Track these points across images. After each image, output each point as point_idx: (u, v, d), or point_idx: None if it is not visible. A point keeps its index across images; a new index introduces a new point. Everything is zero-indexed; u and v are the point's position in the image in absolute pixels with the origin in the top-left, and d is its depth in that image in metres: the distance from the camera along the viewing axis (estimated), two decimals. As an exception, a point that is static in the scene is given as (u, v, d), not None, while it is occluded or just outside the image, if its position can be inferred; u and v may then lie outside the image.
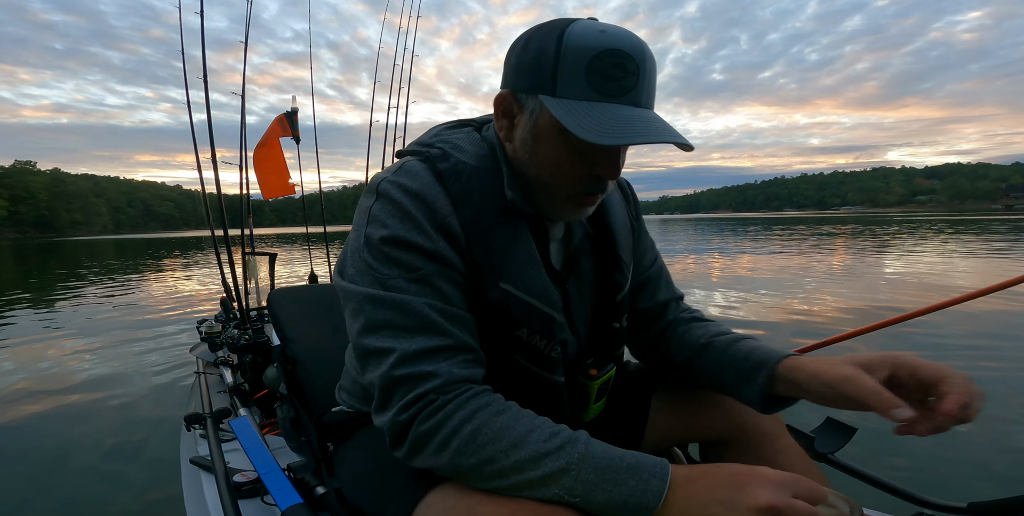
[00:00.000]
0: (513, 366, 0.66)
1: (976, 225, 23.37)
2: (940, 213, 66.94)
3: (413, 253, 0.60)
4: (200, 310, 5.99)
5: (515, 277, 0.63)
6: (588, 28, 0.56)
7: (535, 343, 0.64)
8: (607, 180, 0.62)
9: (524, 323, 0.63)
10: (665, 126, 0.56)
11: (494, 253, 0.62)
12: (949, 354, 3.30)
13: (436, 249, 0.60)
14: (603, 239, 0.75)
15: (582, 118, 0.55)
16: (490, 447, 0.53)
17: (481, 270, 0.62)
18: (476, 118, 0.75)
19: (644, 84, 0.57)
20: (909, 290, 5.99)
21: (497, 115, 0.65)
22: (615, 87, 0.56)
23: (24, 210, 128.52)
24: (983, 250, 10.70)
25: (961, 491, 1.75)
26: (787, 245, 14.59)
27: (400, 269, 0.60)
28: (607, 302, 0.75)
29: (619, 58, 0.55)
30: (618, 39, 0.55)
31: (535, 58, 0.58)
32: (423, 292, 0.59)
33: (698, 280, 7.51)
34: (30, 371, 3.68)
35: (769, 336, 4.05)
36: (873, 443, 2.02)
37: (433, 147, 0.66)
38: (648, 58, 0.56)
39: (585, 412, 0.77)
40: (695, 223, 51.61)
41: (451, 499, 0.56)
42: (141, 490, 1.92)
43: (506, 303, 0.62)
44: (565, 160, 0.61)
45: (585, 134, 0.54)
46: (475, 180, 0.63)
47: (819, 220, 46.19)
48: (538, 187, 0.64)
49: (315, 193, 3.69)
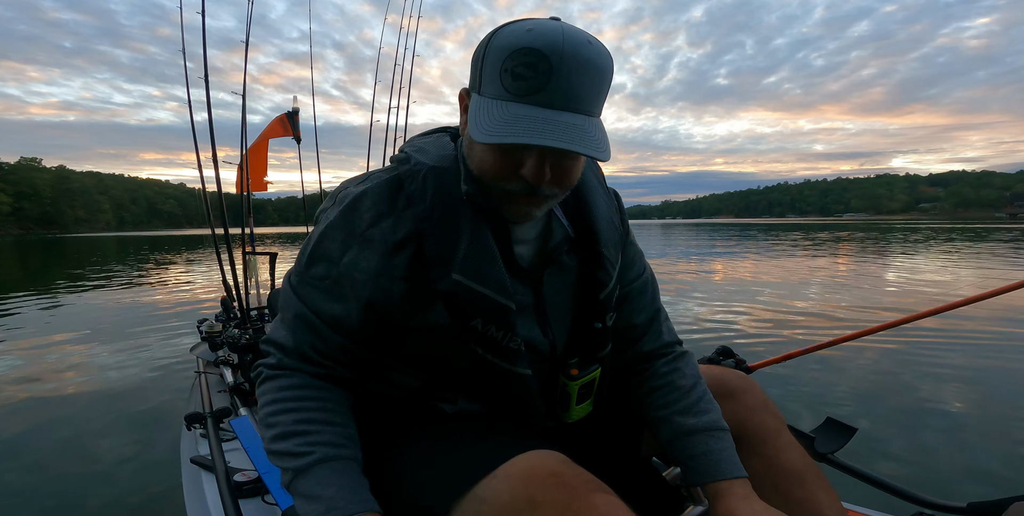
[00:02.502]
0: (475, 358, 0.68)
1: (984, 233, 23.29)
2: (943, 221, 66.81)
3: (325, 263, 0.68)
4: (201, 308, 6.00)
5: (467, 268, 0.64)
6: (518, 28, 0.56)
7: (491, 333, 0.66)
8: (539, 185, 0.60)
9: (478, 313, 0.65)
10: (568, 130, 0.54)
11: (446, 245, 0.64)
12: (950, 353, 3.29)
13: (345, 261, 0.66)
14: (585, 237, 0.74)
15: (482, 115, 0.56)
16: (268, 427, 0.67)
17: (432, 261, 0.64)
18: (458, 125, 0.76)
19: (560, 85, 0.54)
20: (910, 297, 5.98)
21: (460, 111, 0.67)
22: (522, 86, 0.55)
23: (28, 206, 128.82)
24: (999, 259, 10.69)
25: (961, 491, 1.74)
26: (779, 251, 14.57)
27: (316, 272, 0.69)
28: (590, 300, 0.75)
29: (530, 57, 0.53)
30: (538, 38, 0.53)
31: (474, 57, 0.61)
32: (318, 297, 0.68)
33: (700, 283, 7.50)
34: (30, 370, 3.67)
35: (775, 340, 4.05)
36: (873, 443, 2.02)
37: (400, 152, 0.70)
38: (570, 57, 0.53)
39: (567, 412, 0.77)
40: (696, 228, 51.57)
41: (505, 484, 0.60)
42: (142, 489, 1.92)
43: (456, 293, 0.64)
44: (489, 157, 0.61)
45: (474, 131, 0.56)
46: (430, 178, 0.65)
47: (820, 226, 46.12)
48: (480, 182, 0.64)
49: (316, 193, 3.70)
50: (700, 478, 0.72)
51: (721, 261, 11.75)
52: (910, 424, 2.28)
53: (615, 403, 0.86)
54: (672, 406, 0.78)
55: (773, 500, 0.70)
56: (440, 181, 0.65)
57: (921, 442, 2.09)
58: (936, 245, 15.34)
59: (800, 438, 0.88)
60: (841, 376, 2.90)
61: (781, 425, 0.80)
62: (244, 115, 3.00)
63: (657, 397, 0.80)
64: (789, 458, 0.76)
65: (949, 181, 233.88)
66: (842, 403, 2.57)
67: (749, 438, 0.79)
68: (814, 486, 0.73)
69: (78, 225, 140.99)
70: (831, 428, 0.91)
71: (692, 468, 0.73)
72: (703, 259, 12.28)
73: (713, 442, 0.73)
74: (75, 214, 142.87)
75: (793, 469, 0.75)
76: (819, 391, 2.70)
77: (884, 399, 2.59)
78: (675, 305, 5.66)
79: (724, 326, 4.45)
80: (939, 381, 2.82)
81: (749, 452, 0.77)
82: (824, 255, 12.78)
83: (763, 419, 0.79)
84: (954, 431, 2.20)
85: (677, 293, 6.57)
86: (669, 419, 0.77)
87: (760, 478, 0.75)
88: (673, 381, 0.80)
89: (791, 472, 0.75)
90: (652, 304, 0.84)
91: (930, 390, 2.69)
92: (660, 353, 0.83)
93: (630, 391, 0.85)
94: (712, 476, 0.70)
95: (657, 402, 0.79)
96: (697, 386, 0.79)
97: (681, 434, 0.75)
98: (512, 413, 0.73)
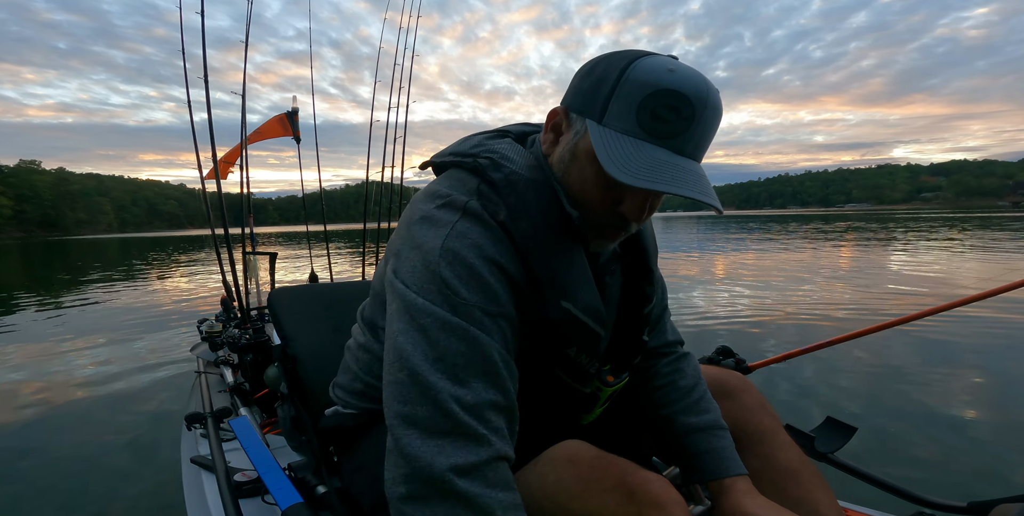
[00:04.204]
0: (549, 379, 0.67)
1: (999, 223, 23.19)
2: (946, 210, 66.59)
3: (498, 284, 0.57)
4: (202, 305, 6.01)
5: (573, 295, 0.62)
6: (658, 64, 0.54)
7: (581, 360, 0.66)
8: (631, 221, 0.60)
9: (576, 341, 0.64)
10: (699, 181, 0.54)
11: (554, 269, 0.61)
12: (951, 353, 3.28)
13: (506, 289, 0.58)
14: (634, 253, 0.76)
15: (614, 150, 0.54)
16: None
17: (542, 284, 0.60)
18: (510, 129, 0.73)
19: (695, 133, 0.54)
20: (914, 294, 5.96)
21: (546, 128, 0.65)
22: (661, 128, 0.53)
23: (29, 209, 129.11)
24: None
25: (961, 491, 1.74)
26: (772, 243, 14.53)
27: (482, 298, 0.56)
28: (634, 314, 0.76)
29: (676, 100, 0.52)
30: (683, 81, 0.52)
31: (595, 82, 0.57)
32: (494, 332, 0.56)
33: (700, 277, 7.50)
34: (30, 370, 3.70)
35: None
36: (873, 442, 2.02)
37: (480, 157, 0.64)
38: (711, 108, 0.54)
39: (589, 414, 0.79)
40: (696, 221, 51.50)
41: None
42: (142, 489, 1.93)
43: (563, 321, 0.62)
44: (592, 188, 0.59)
45: (608, 165, 0.53)
46: (531, 192, 0.61)
47: (821, 217, 46.01)
48: (583, 209, 0.62)
49: (316, 192, 3.69)
50: (703, 476, 0.73)
51: (732, 255, 11.74)
52: (910, 424, 2.27)
53: (616, 403, 0.87)
54: (674, 405, 0.80)
55: (770, 498, 0.71)
56: (540, 196, 0.61)
57: (922, 442, 2.09)
58: (967, 237, 14.98)
59: (800, 437, 0.89)
60: (841, 375, 2.90)
61: (777, 425, 0.81)
62: (244, 116, 3.00)
63: (660, 396, 0.82)
64: (786, 457, 0.77)
65: (951, 170, 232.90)
66: (842, 402, 2.57)
67: (747, 437, 0.80)
68: (811, 484, 0.74)
69: (80, 227, 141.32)
70: (831, 427, 0.91)
71: (695, 466, 0.75)
72: (705, 252, 12.28)
73: (715, 440, 0.75)
74: (76, 216, 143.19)
75: (790, 467, 0.76)
76: (819, 390, 2.70)
77: (884, 398, 2.58)
78: (675, 303, 5.65)
79: (724, 324, 4.44)
80: (940, 380, 2.81)
81: (746, 451, 0.78)
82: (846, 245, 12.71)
83: (760, 419, 0.81)
84: (955, 430, 2.19)
85: (679, 288, 6.56)
86: (671, 418, 0.79)
87: (758, 476, 0.75)
88: (675, 381, 0.82)
89: (788, 470, 0.76)
90: (661, 302, 0.86)
91: (931, 390, 2.68)
92: (663, 351, 0.86)
93: (632, 391, 0.87)
94: (715, 473, 0.72)
95: (659, 401, 0.81)
96: (698, 386, 0.81)
97: (684, 433, 0.77)
98: (539, 413, 0.73)
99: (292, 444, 1.08)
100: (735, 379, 0.87)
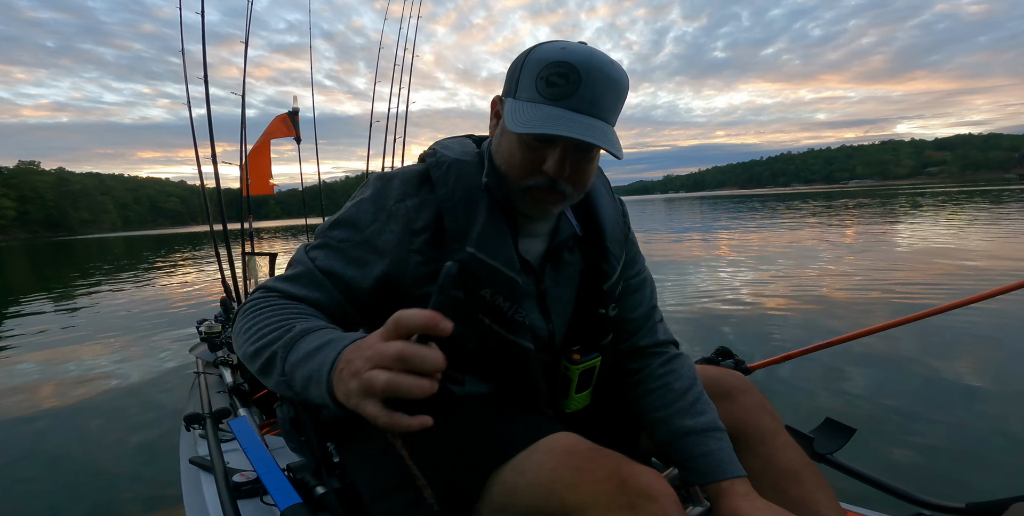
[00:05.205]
0: (481, 328, 0.72)
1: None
2: (951, 184, 65.87)
3: (350, 228, 0.73)
4: (203, 305, 6.04)
5: (480, 242, 0.70)
6: (554, 45, 0.66)
7: (499, 304, 0.71)
8: (559, 180, 0.67)
9: (487, 283, 0.70)
10: (590, 129, 0.63)
11: (464, 223, 0.71)
12: (952, 353, 3.25)
13: (371, 229, 0.72)
14: (592, 234, 0.80)
15: (517, 113, 0.65)
16: (242, 341, 0.64)
17: (449, 235, 0.71)
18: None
19: (585, 93, 0.64)
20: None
21: (491, 115, 0.76)
22: (555, 92, 0.64)
23: (32, 210, 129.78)
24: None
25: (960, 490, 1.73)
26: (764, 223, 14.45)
27: (350, 233, 0.73)
28: (594, 290, 0.80)
29: (563, 68, 0.63)
30: (570, 54, 0.63)
31: (512, 69, 0.70)
32: (332, 257, 0.71)
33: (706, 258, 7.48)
34: (29, 371, 3.74)
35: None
36: (873, 443, 2.01)
37: (428, 149, 0.79)
38: (596, 71, 0.63)
39: (566, 400, 0.80)
40: (700, 201, 51.24)
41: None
42: (140, 490, 1.94)
43: (469, 264, 0.70)
44: (517, 153, 0.68)
45: (511, 124, 0.64)
46: (453, 168, 0.74)
47: (823, 195, 45.68)
48: (503, 178, 0.71)
49: (315, 185, 3.68)
50: (701, 478, 0.73)
51: (728, 234, 11.69)
52: (911, 424, 2.26)
53: (613, 403, 0.87)
54: (669, 408, 0.79)
55: (771, 499, 0.71)
56: (462, 171, 0.74)
57: (922, 442, 2.08)
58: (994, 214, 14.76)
59: (799, 438, 0.88)
60: (841, 376, 2.87)
61: (778, 425, 0.81)
62: (244, 115, 2.97)
63: (654, 399, 0.81)
64: (786, 458, 0.76)
65: (956, 145, 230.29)
66: (842, 403, 2.54)
67: (747, 438, 0.79)
68: (811, 485, 0.74)
69: (84, 226, 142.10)
70: (830, 428, 0.90)
71: (692, 468, 0.74)
72: (710, 234, 12.22)
73: (712, 442, 0.74)
74: (80, 216, 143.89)
75: (790, 468, 0.75)
76: (818, 391, 2.67)
77: (884, 399, 2.55)
78: (674, 304, 5.64)
79: (723, 322, 4.42)
80: (941, 380, 2.78)
81: (747, 452, 0.78)
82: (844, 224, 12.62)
83: (760, 419, 0.80)
84: (956, 430, 2.18)
85: (676, 282, 6.54)
86: (667, 421, 0.78)
87: (758, 477, 0.75)
88: (669, 383, 0.81)
89: (788, 471, 0.75)
90: (649, 301, 0.88)
91: (931, 390, 2.66)
92: (655, 351, 0.85)
93: (627, 392, 0.86)
94: (713, 476, 0.72)
95: (654, 404, 0.81)
96: (693, 387, 0.81)
97: (680, 435, 0.76)
98: (517, 395, 0.76)
99: (291, 445, 1.08)
100: (735, 379, 0.86)
